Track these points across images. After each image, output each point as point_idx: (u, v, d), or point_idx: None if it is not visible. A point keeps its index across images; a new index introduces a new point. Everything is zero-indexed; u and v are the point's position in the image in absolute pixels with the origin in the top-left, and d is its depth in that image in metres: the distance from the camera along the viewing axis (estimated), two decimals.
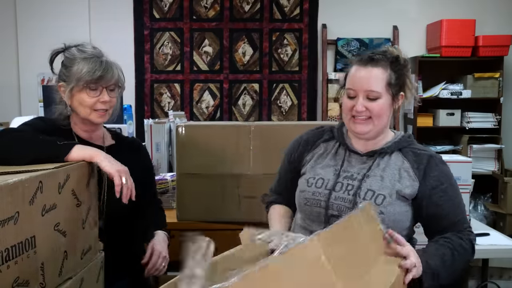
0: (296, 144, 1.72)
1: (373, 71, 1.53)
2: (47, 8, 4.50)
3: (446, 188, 1.53)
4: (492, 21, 4.48)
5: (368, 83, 1.52)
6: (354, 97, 1.53)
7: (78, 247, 1.37)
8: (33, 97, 4.44)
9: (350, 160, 1.60)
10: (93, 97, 1.63)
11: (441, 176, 1.54)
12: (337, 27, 4.56)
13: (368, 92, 1.52)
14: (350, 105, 1.54)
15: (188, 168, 2.27)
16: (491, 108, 4.30)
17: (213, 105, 4.62)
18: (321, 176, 1.58)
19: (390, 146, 1.59)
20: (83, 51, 1.66)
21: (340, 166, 1.59)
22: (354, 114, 1.53)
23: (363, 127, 1.54)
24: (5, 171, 1.17)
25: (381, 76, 1.52)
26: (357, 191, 1.52)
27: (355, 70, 1.55)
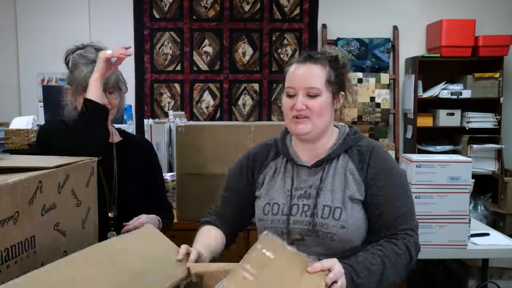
0: (244, 164, 1.63)
1: (312, 67, 1.49)
2: (47, 8, 4.51)
3: (382, 185, 1.46)
4: (492, 21, 4.48)
5: (307, 80, 1.48)
6: (294, 95, 1.49)
7: (78, 247, 1.37)
8: (33, 97, 4.44)
9: (300, 174, 1.53)
10: None
11: (378, 170, 1.48)
12: (337, 27, 4.56)
13: (308, 89, 1.47)
14: (290, 104, 1.49)
15: (188, 168, 2.27)
16: (491, 108, 4.30)
17: (213, 105, 4.62)
18: (276, 201, 1.52)
19: (335, 150, 1.52)
20: (84, 56, 1.75)
21: (291, 185, 1.52)
22: (294, 114, 1.48)
23: (304, 127, 1.48)
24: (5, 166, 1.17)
25: (320, 73, 1.49)
26: (314, 211, 1.46)
27: (294, 68, 1.52)
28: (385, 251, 1.34)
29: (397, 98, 4.54)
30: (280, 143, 1.60)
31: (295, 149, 1.57)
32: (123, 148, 1.82)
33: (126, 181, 1.78)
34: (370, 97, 4.44)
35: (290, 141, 1.59)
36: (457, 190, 2.27)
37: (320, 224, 1.45)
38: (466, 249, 2.31)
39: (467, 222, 2.30)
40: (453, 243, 2.29)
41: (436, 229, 2.29)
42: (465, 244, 2.30)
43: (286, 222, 1.49)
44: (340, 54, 1.55)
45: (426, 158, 2.32)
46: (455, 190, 2.27)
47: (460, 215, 2.28)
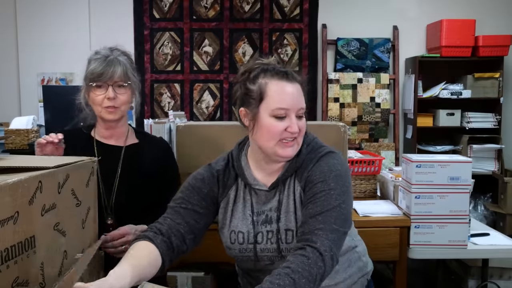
0: (208, 180, 1.50)
1: (296, 86, 1.41)
2: (47, 8, 4.51)
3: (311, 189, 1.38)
4: (492, 21, 4.48)
5: (298, 100, 1.39)
6: (284, 117, 1.37)
7: (78, 247, 1.37)
8: (33, 97, 4.44)
9: (259, 198, 1.47)
10: (100, 95, 1.70)
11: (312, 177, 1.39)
12: (337, 27, 4.56)
13: (299, 110, 1.39)
14: (282, 128, 1.37)
15: (188, 168, 2.26)
16: (491, 108, 4.30)
17: (213, 105, 4.62)
18: (240, 229, 1.46)
19: (288, 169, 1.44)
20: (97, 52, 1.75)
21: (251, 212, 1.46)
22: (285, 136, 1.37)
23: (292, 150, 1.40)
24: (5, 166, 1.16)
25: (301, 92, 1.42)
26: (278, 237, 1.41)
27: (279, 86, 1.38)
28: (292, 266, 1.19)
29: (397, 98, 4.54)
30: (237, 166, 1.50)
31: (251, 170, 1.48)
32: (136, 150, 1.78)
33: (130, 185, 1.72)
34: (370, 97, 4.44)
35: (246, 161, 1.49)
36: (457, 190, 2.27)
37: (286, 249, 1.41)
38: (466, 249, 2.31)
39: (467, 222, 2.30)
40: (453, 243, 2.29)
41: (436, 229, 2.29)
42: (465, 244, 2.30)
43: (253, 250, 1.45)
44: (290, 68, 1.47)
45: (426, 158, 2.32)
46: (455, 190, 2.27)
47: (460, 215, 2.28)
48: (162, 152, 1.87)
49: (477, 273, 2.96)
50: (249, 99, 1.41)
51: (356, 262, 1.56)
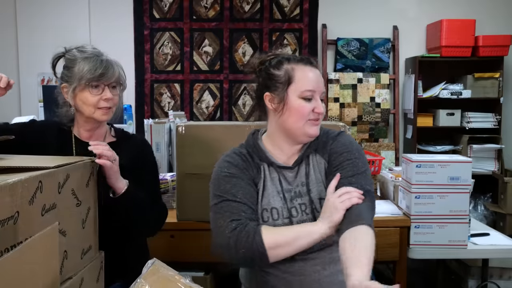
0: (243, 162, 1.56)
1: (318, 71, 1.54)
2: (47, 8, 4.51)
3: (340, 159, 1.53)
4: (492, 21, 4.48)
5: (321, 84, 1.52)
6: (311, 99, 1.50)
7: (78, 247, 1.37)
8: (33, 97, 4.44)
9: (285, 176, 1.55)
10: (96, 95, 1.66)
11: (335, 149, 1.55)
12: (337, 27, 4.56)
13: (322, 93, 1.52)
14: (310, 108, 1.49)
15: (188, 168, 2.27)
16: (491, 108, 4.30)
17: (213, 105, 4.62)
18: (273, 206, 1.51)
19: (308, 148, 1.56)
20: (83, 51, 1.69)
21: (281, 188, 1.53)
22: (313, 117, 1.50)
23: (318, 129, 1.53)
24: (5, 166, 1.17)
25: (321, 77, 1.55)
26: (312, 207, 1.50)
27: (306, 71, 1.51)
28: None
29: (397, 98, 4.55)
30: (257, 150, 1.58)
31: (271, 152, 1.57)
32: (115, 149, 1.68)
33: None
34: (370, 97, 4.44)
35: (264, 146, 1.59)
36: (457, 190, 2.27)
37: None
38: (466, 249, 2.31)
39: (467, 222, 2.31)
40: (453, 243, 2.29)
41: (436, 229, 2.29)
42: (465, 244, 2.30)
43: (289, 224, 1.49)
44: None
45: (426, 158, 2.32)
46: (455, 190, 2.27)
47: (460, 215, 2.28)
48: (140, 149, 1.83)
49: (477, 273, 2.96)
50: (275, 84, 1.53)
51: None
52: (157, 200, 1.84)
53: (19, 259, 0.95)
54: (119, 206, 1.61)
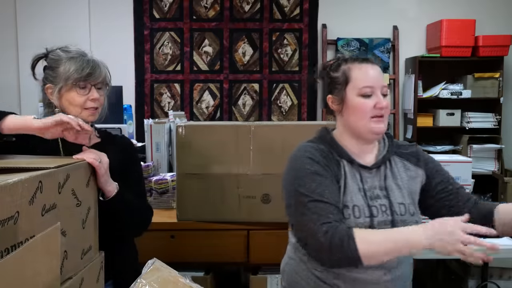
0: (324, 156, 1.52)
1: (377, 68, 1.53)
2: (47, 8, 4.51)
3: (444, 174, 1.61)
4: (492, 21, 4.48)
5: (381, 78, 1.51)
6: (370, 95, 1.49)
7: (78, 247, 1.37)
8: (33, 97, 4.43)
9: (364, 177, 1.53)
10: (83, 95, 1.63)
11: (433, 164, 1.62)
12: (337, 27, 4.56)
13: (383, 88, 1.50)
14: (371, 104, 1.48)
15: (188, 168, 2.27)
16: (491, 108, 4.30)
17: (213, 105, 4.62)
18: (355, 203, 1.48)
19: (389, 150, 1.57)
20: (68, 51, 1.66)
21: (362, 188, 1.51)
22: (375, 113, 1.48)
23: (383, 126, 1.50)
24: (5, 166, 1.17)
25: (382, 73, 1.54)
26: (392, 210, 1.50)
27: (362, 68, 1.51)
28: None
29: (397, 98, 4.54)
30: (336, 146, 1.55)
31: (352, 151, 1.55)
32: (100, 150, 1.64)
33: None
34: None
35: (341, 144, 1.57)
36: None
37: (401, 221, 1.48)
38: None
39: None
40: None
41: None
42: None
43: (369, 223, 1.47)
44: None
45: None
46: None
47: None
48: (125, 149, 1.81)
49: (477, 273, 2.96)
50: (334, 85, 1.54)
51: None
52: (143, 200, 1.82)
53: (21, 260, 0.95)
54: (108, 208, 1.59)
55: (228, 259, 2.29)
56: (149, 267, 1.10)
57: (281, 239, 2.25)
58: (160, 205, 2.44)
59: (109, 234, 1.66)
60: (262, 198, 2.22)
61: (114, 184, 1.61)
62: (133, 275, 1.15)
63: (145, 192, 1.91)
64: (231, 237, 2.26)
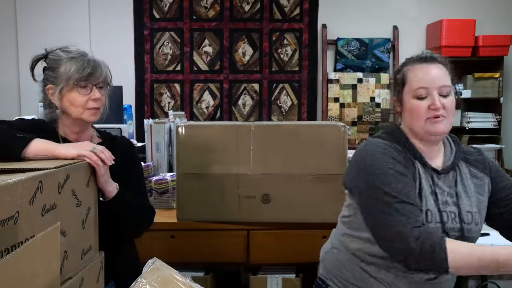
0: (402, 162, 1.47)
1: (439, 66, 1.49)
2: (47, 8, 4.51)
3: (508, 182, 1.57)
4: (492, 21, 4.48)
5: (440, 78, 1.46)
6: (426, 97, 1.45)
7: (78, 247, 1.37)
8: (33, 97, 4.41)
9: (435, 181, 1.49)
10: (84, 95, 1.62)
11: (499, 171, 1.58)
12: (337, 27, 4.56)
13: (442, 88, 1.45)
14: (425, 106, 1.44)
15: (188, 168, 2.27)
16: (491, 108, 4.31)
17: (213, 105, 4.62)
18: (428, 208, 1.44)
19: (457, 155, 1.53)
20: (68, 51, 1.65)
21: (434, 191, 1.47)
22: (431, 114, 1.44)
23: (442, 126, 1.46)
24: (5, 169, 1.17)
25: (446, 71, 1.50)
26: (461, 218, 1.46)
27: (418, 69, 1.48)
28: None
29: None
30: (410, 147, 1.51)
31: (421, 151, 1.51)
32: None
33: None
34: (370, 97, 4.44)
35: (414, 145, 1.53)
36: None
37: (467, 230, 1.46)
38: None
39: None
40: None
41: None
42: None
43: (441, 229, 1.43)
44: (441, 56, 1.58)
45: None
46: None
47: None
48: (125, 150, 1.79)
49: None
50: (395, 87, 1.54)
51: None
52: (144, 201, 1.81)
53: (20, 260, 0.95)
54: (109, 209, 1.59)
55: (228, 259, 2.28)
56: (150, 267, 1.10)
57: (281, 239, 2.25)
58: (160, 205, 2.44)
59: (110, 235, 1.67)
60: (262, 198, 2.22)
61: (115, 185, 1.60)
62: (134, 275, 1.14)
63: (146, 192, 1.91)
64: (231, 237, 2.26)
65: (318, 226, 2.19)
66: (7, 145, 1.42)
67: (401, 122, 1.57)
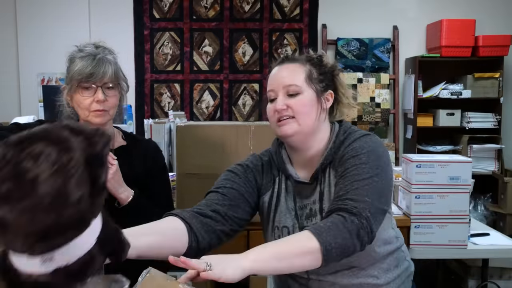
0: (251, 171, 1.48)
1: (290, 66, 1.42)
2: (47, 8, 4.51)
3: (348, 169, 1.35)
4: (492, 21, 4.48)
5: (284, 78, 1.40)
6: (275, 98, 1.40)
7: None
8: (33, 97, 4.44)
9: (300, 191, 1.44)
10: (88, 97, 1.56)
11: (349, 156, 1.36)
12: (337, 27, 4.56)
13: (287, 88, 1.39)
14: (273, 108, 1.40)
15: (188, 168, 2.27)
16: (491, 108, 4.30)
17: (213, 105, 4.62)
18: (284, 224, 1.42)
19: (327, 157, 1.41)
20: (81, 50, 1.60)
21: (294, 204, 1.43)
22: (277, 116, 1.38)
23: (288, 128, 1.37)
24: None
25: (298, 70, 1.41)
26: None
27: (273, 71, 1.45)
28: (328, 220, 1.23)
29: (397, 98, 4.54)
30: (276, 159, 1.48)
31: (291, 161, 1.47)
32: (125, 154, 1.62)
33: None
34: (370, 97, 4.44)
35: (286, 155, 1.48)
36: (457, 190, 2.27)
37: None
38: (466, 249, 2.31)
39: (467, 222, 2.31)
40: (453, 243, 2.30)
41: (436, 229, 2.29)
42: (465, 244, 2.31)
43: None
44: (325, 55, 1.49)
45: (426, 158, 2.33)
46: (455, 190, 2.27)
47: (460, 215, 2.28)
48: (152, 154, 1.75)
49: (477, 273, 2.97)
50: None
51: (403, 262, 1.52)
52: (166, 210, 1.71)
53: None
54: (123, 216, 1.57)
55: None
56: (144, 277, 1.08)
57: None
58: None
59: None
60: None
61: (129, 192, 1.55)
62: None
63: (171, 201, 1.81)
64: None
65: None
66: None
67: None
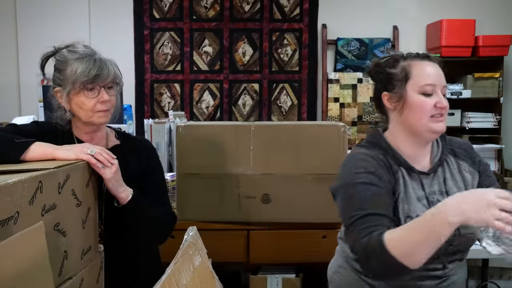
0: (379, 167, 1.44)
1: (436, 66, 1.48)
2: (47, 8, 4.51)
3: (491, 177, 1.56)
4: (492, 21, 4.48)
5: (442, 78, 1.47)
6: (431, 94, 1.44)
7: (78, 247, 1.37)
8: (33, 97, 4.44)
9: (424, 181, 1.47)
10: (92, 98, 1.57)
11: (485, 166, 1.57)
12: (337, 27, 4.56)
13: (444, 88, 1.47)
14: (432, 103, 1.43)
15: (188, 168, 2.27)
16: (491, 108, 4.30)
17: (213, 105, 4.62)
18: (417, 213, 1.40)
19: (444, 152, 1.52)
20: (74, 51, 1.59)
21: (425, 195, 1.45)
22: (435, 112, 1.44)
23: (443, 125, 1.47)
24: (5, 170, 1.17)
25: (442, 72, 1.50)
26: None
27: (425, 65, 1.46)
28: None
29: None
30: (393, 154, 1.48)
31: (407, 155, 1.49)
32: (119, 153, 1.60)
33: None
34: (370, 97, 4.43)
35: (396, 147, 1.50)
36: None
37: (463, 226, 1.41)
38: None
39: None
40: None
41: None
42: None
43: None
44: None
45: None
46: None
47: None
48: (146, 152, 1.74)
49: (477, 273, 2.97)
50: (392, 82, 1.48)
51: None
52: (163, 209, 1.74)
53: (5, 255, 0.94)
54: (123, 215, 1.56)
55: (228, 259, 2.28)
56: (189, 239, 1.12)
57: (281, 239, 2.25)
58: None
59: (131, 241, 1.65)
60: (262, 198, 2.22)
61: (129, 191, 1.56)
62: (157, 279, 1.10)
63: (167, 198, 1.81)
64: (231, 237, 2.26)
65: (318, 226, 2.19)
66: (5, 152, 1.40)
67: (387, 127, 1.55)
